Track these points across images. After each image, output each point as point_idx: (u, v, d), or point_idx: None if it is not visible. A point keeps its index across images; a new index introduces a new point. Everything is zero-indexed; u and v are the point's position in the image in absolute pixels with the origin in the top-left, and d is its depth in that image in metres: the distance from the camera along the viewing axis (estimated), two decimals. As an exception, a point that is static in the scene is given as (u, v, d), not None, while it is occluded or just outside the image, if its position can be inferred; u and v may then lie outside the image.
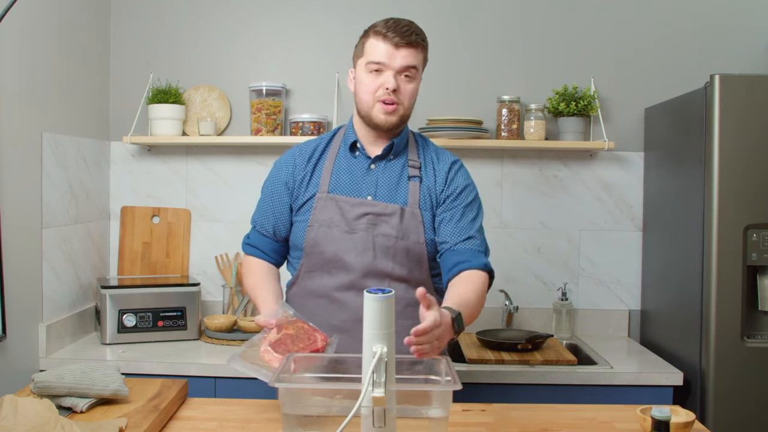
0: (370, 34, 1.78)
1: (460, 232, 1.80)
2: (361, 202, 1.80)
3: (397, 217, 1.79)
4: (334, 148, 1.88)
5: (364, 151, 1.85)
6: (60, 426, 1.37)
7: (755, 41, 2.86)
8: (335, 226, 1.78)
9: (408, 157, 1.87)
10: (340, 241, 1.78)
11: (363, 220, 1.78)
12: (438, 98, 2.88)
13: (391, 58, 1.74)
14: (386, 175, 1.84)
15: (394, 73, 1.75)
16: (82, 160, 2.67)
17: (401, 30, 1.74)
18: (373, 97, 1.77)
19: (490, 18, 2.91)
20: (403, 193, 1.82)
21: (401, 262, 1.79)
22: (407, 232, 1.79)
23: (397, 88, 1.75)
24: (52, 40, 2.44)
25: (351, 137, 1.86)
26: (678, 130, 2.55)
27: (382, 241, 1.77)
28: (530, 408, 1.73)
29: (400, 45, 1.74)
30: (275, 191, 1.89)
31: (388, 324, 1.30)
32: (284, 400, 1.37)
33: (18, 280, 2.20)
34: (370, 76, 1.77)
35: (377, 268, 1.78)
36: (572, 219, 2.91)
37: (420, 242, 1.80)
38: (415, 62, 1.77)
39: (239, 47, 2.93)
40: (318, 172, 1.85)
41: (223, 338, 2.62)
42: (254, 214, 1.96)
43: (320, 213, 1.80)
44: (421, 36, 1.79)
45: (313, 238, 1.80)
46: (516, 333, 2.70)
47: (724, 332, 2.23)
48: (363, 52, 1.79)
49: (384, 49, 1.74)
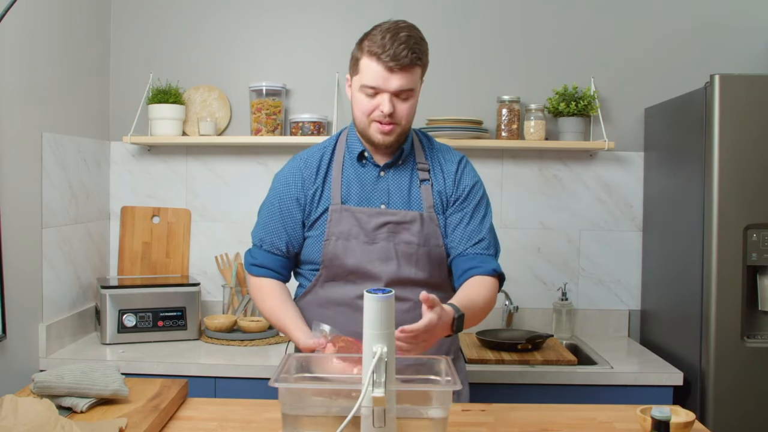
0: (365, 52, 1.68)
1: (470, 236, 1.79)
2: (379, 211, 1.76)
3: (417, 224, 1.77)
4: (338, 157, 1.82)
5: (372, 159, 1.81)
6: (60, 426, 1.37)
7: (755, 41, 2.86)
8: (354, 238, 1.75)
9: (416, 160, 1.83)
10: (360, 252, 1.75)
11: (383, 229, 1.75)
12: (438, 98, 2.88)
13: (386, 82, 1.66)
14: (397, 181, 1.81)
15: (389, 96, 1.68)
16: (82, 160, 2.67)
17: (396, 51, 1.63)
18: (369, 118, 1.72)
19: (490, 18, 2.91)
20: (416, 198, 1.79)
21: (423, 267, 1.78)
22: (428, 238, 1.77)
23: (392, 111, 1.69)
24: (52, 40, 2.44)
25: (357, 147, 1.81)
26: (678, 130, 2.55)
27: (405, 248, 1.75)
28: (530, 408, 1.73)
29: (395, 69, 1.65)
30: (286, 208, 1.81)
31: (388, 324, 1.30)
32: (284, 400, 1.37)
33: (18, 280, 2.20)
34: (364, 97, 1.71)
35: (402, 276, 1.76)
36: (572, 219, 2.92)
37: (440, 245, 1.79)
38: (411, 84, 1.69)
39: (239, 47, 2.93)
40: (328, 185, 1.80)
41: (223, 338, 2.62)
42: (259, 233, 1.85)
43: (336, 226, 1.75)
44: (418, 54, 1.67)
45: (332, 252, 1.75)
46: (516, 333, 2.70)
47: (724, 332, 2.23)
48: (358, 70, 1.71)
49: (378, 72, 1.66)
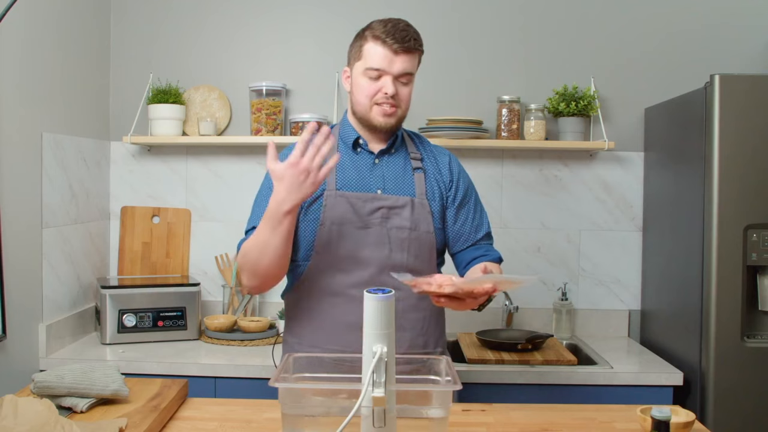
0: (369, 38, 1.76)
1: (476, 229, 1.90)
2: (374, 196, 1.80)
3: (408, 209, 1.80)
4: None
5: (367, 147, 1.85)
6: (60, 426, 1.37)
7: (755, 41, 2.86)
8: (348, 223, 1.77)
9: (408, 150, 1.89)
10: (354, 237, 1.77)
11: (377, 214, 1.78)
12: (438, 98, 2.88)
13: (390, 64, 1.74)
14: (391, 168, 1.85)
15: (392, 78, 1.75)
16: (82, 160, 2.67)
17: (400, 35, 1.73)
18: (371, 101, 1.78)
19: (490, 18, 2.91)
20: (410, 184, 1.84)
21: (414, 253, 1.80)
22: (418, 222, 1.81)
23: (396, 93, 1.76)
24: (52, 40, 2.44)
25: (352, 134, 1.85)
26: (678, 130, 2.55)
27: (397, 233, 1.78)
28: (530, 408, 1.73)
29: (399, 51, 1.74)
30: None
31: (388, 324, 1.31)
32: (284, 400, 1.37)
33: (18, 280, 2.20)
34: (368, 80, 1.77)
35: (393, 262, 1.78)
36: (572, 219, 2.91)
37: (430, 232, 1.82)
38: (412, 69, 1.78)
39: (239, 47, 2.93)
40: None
41: (223, 338, 2.62)
42: (253, 219, 1.83)
43: (331, 211, 1.78)
44: (419, 41, 1.78)
45: (326, 237, 1.77)
46: (516, 333, 2.70)
47: (724, 332, 2.23)
48: (361, 56, 1.78)
49: (383, 54, 1.74)
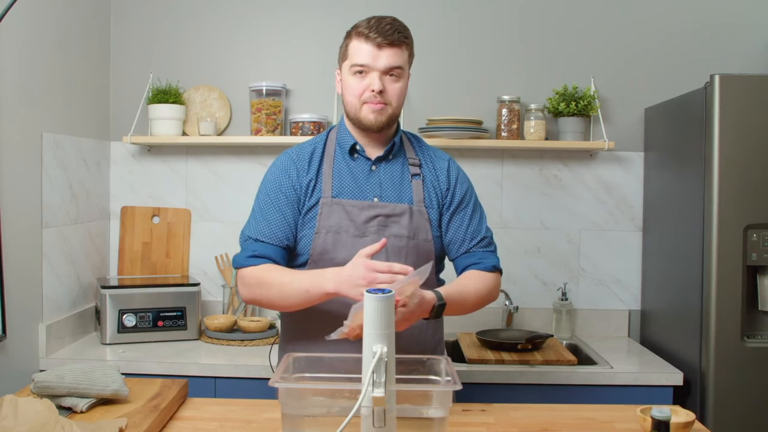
0: (353, 36, 1.75)
1: (472, 236, 1.84)
2: (370, 204, 1.76)
3: (407, 217, 1.77)
4: (329, 151, 1.83)
5: (364, 153, 1.82)
6: (60, 426, 1.37)
7: (755, 41, 2.86)
8: (344, 231, 1.75)
9: (406, 155, 1.85)
10: (350, 246, 1.73)
11: (373, 222, 1.75)
12: (438, 98, 2.88)
13: (375, 59, 1.71)
14: (389, 175, 1.81)
15: (379, 74, 1.71)
16: (82, 160, 2.67)
17: (383, 29, 1.70)
18: (360, 100, 1.74)
19: (490, 18, 2.91)
20: (408, 192, 1.80)
21: (412, 261, 1.75)
22: (417, 231, 1.78)
23: (383, 89, 1.73)
24: (52, 40, 2.44)
25: (349, 140, 1.82)
26: (678, 130, 2.55)
27: (394, 242, 1.75)
28: (530, 408, 1.73)
29: (383, 45, 1.70)
30: (286, 198, 1.77)
31: (388, 324, 1.30)
32: (284, 400, 1.37)
33: (18, 280, 2.20)
34: (355, 79, 1.74)
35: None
36: (572, 219, 2.91)
37: (428, 240, 1.80)
38: (400, 62, 1.73)
39: (239, 47, 2.93)
40: (320, 178, 1.80)
41: (223, 338, 2.62)
42: (256, 227, 1.77)
43: (326, 219, 1.75)
44: (404, 34, 1.74)
45: (321, 245, 1.75)
46: (516, 333, 2.70)
47: (724, 332, 2.23)
48: (347, 55, 1.76)
49: (367, 50, 1.71)
